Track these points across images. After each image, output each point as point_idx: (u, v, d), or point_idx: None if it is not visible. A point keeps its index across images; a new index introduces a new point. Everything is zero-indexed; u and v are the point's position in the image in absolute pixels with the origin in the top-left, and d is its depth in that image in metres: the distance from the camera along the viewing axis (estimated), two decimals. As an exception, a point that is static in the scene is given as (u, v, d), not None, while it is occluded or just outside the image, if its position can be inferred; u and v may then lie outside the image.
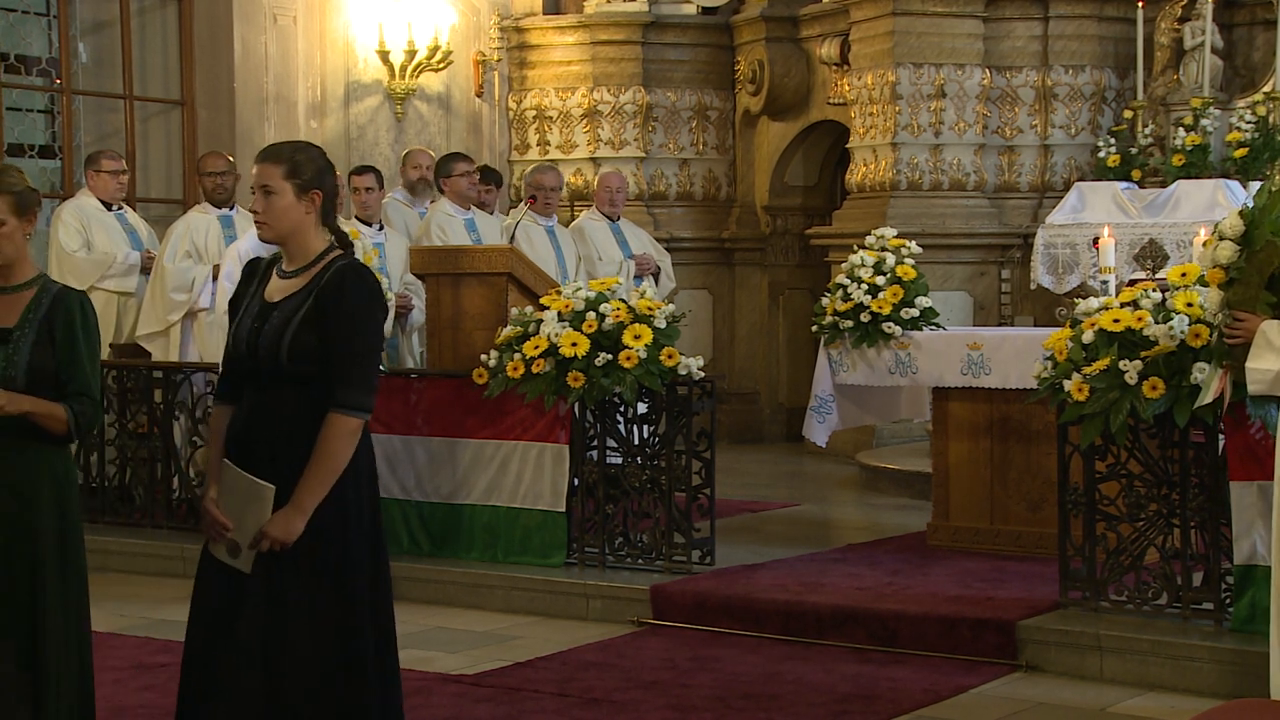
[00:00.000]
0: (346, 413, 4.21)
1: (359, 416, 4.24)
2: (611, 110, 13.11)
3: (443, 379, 8.05)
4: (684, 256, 12.74)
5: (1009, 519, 8.01)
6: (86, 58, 11.92)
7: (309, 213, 4.33)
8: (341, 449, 4.21)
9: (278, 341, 4.23)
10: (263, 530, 4.18)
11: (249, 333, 4.30)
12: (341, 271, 4.28)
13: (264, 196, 4.31)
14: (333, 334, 4.21)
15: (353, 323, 4.24)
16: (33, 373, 4.45)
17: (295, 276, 4.33)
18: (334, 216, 4.42)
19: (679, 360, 7.44)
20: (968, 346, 8.03)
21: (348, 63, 12.62)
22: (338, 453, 4.21)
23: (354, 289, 4.26)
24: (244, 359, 4.32)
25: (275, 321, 4.26)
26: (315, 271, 4.31)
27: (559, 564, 7.71)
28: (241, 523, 4.22)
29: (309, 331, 4.21)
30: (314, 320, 4.22)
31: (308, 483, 4.19)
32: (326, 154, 4.44)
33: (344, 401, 4.21)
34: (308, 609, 4.23)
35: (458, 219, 9.70)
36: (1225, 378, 5.73)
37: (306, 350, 4.21)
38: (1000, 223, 11.68)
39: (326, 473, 4.20)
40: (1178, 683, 6.07)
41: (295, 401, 4.24)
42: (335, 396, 4.21)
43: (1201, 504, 6.32)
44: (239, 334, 4.34)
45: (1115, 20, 11.68)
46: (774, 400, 13.33)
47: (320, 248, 4.35)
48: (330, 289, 4.24)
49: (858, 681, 6.21)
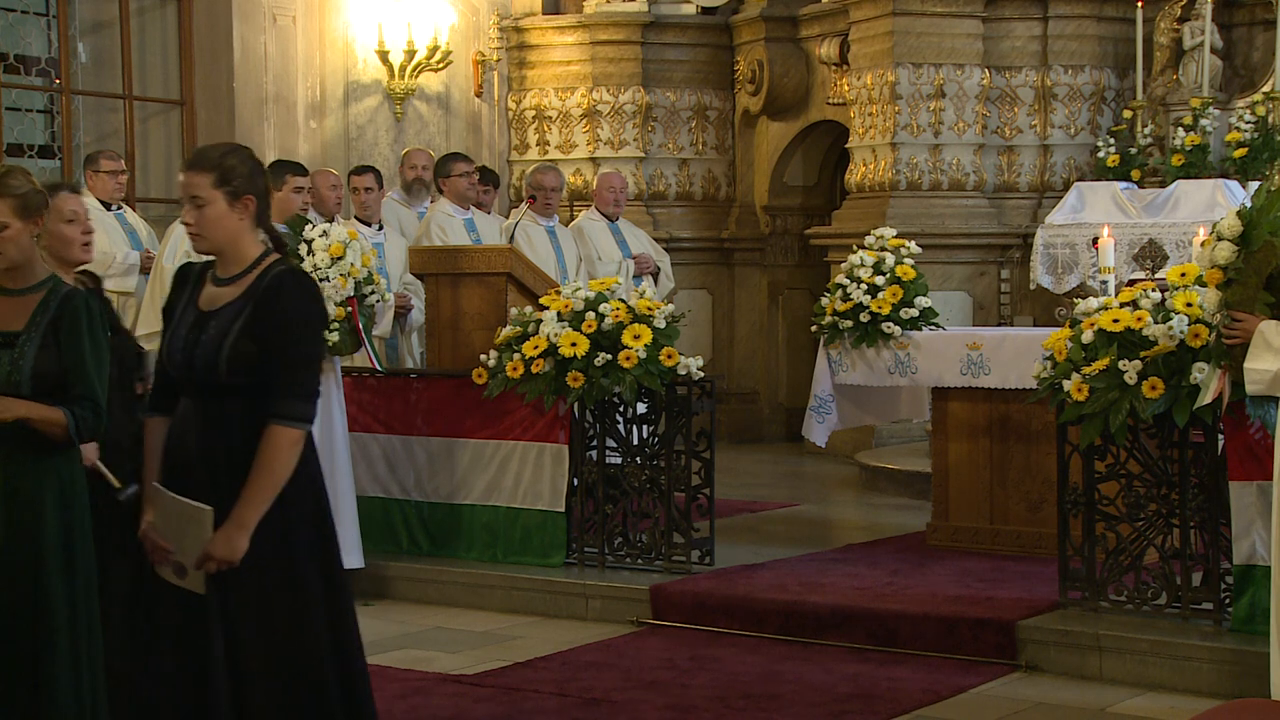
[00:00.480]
0: (287, 424, 4.07)
1: (300, 427, 4.10)
2: (611, 110, 13.11)
3: (442, 379, 8.05)
4: (683, 256, 12.74)
5: (1009, 519, 8.01)
6: (86, 58, 11.92)
7: (243, 219, 4.18)
8: (283, 462, 4.07)
9: (215, 352, 4.09)
10: (206, 551, 4.04)
11: (185, 343, 4.16)
12: (280, 277, 4.14)
13: (194, 208, 4.15)
14: (272, 342, 4.08)
15: (292, 330, 4.10)
16: (38, 378, 4.39)
17: (231, 284, 4.18)
18: (268, 218, 4.28)
19: (678, 360, 7.44)
20: (967, 346, 8.03)
21: (347, 63, 12.62)
22: (279, 466, 4.07)
23: (293, 295, 4.12)
24: (180, 370, 4.17)
25: (212, 331, 4.12)
26: (252, 278, 4.17)
27: (558, 564, 7.71)
28: (182, 545, 4.09)
29: (248, 341, 4.08)
30: (252, 329, 4.08)
31: (248, 498, 4.05)
32: (252, 154, 4.29)
33: (284, 412, 4.07)
34: (257, 625, 4.11)
35: (457, 219, 9.69)
36: (1224, 378, 5.73)
37: (246, 360, 4.08)
38: (1000, 223, 11.68)
39: (268, 487, 4.06)
40: (1177, 683, 6.07)
41: (234, 414, 4.11)
42: (275, 407, 4.07)
43: (1201, 504, 6.32)
44: (173, 344, 4.19)
45: (1115, 20, 11.68)
46: (773, 400, 13.33)
47: (256, 253, 4.21)
48: (268, 296, 4.11)
49: (857, 681, 6.21)
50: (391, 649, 6.86)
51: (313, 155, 12.04)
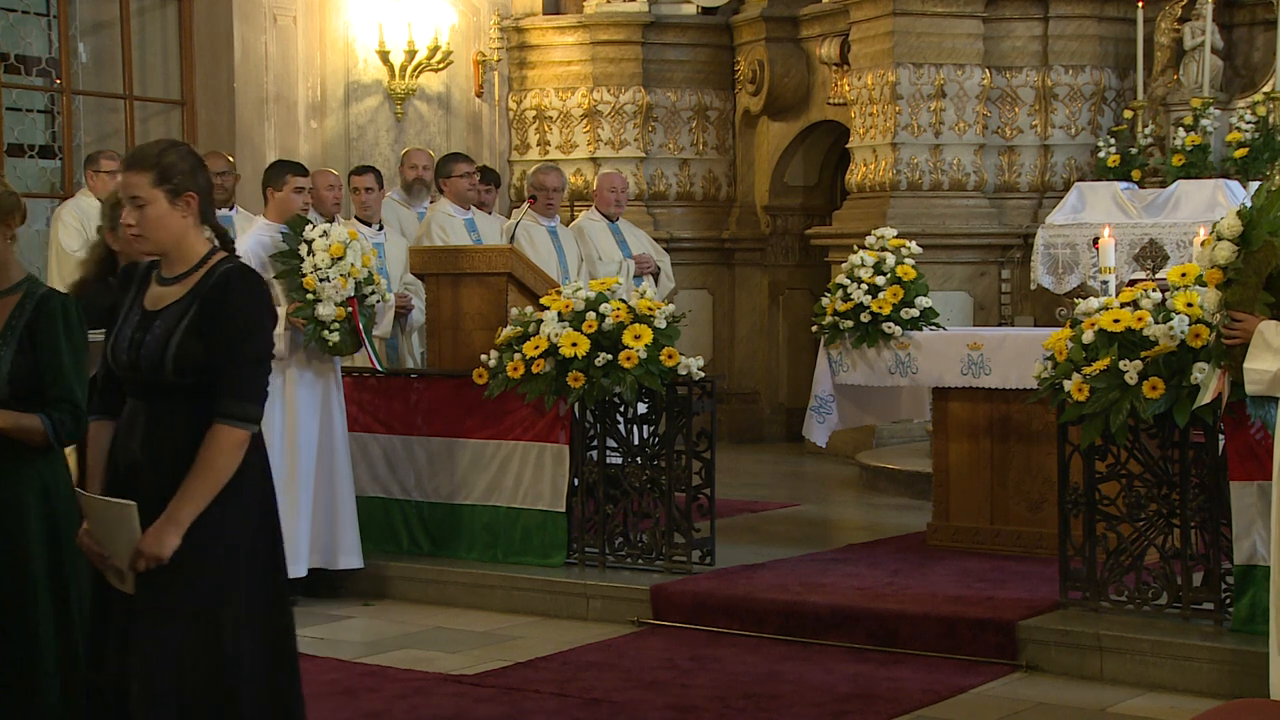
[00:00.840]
0: (232, 423, 3.97)
1: (246, 428, 4.00)
2: (611, 110, 13.11)
3: (443, 379, 8.05)
4: (684, 256, 12.74)
5: (1009, 519, 8.01)
6: (86, 58, 11.92)
7: (186, 217, 4.08)
8: (224, 462, 3.97)
9: (161, 352, 4.00)
10: (136, 548, 3.94)
11: (129, 343, 4.06)
12: (227, 275, 4.05)
13: (135, 208, 4.05)
14: (218, 341, 3.99)
15: (239, 328, 4.01)
16: (15, 383, 4.34)
17: (176, 283, 4.09)
18: (213, 214, 4.17)
19: (679, 360, 7.44)
20: (968, 346, 8.03)
21: (348, 63, 12.62)
22: (220, 466, 3.97)
23: (239, 293, 4.03)
24: (125, 370, 4.07)
25: (158, 331, 4.02)
26: (198, 276, 4.08)
27: (559, 564, 7.71)
28: (115, 546, 3.99)
29: (194, 340, 3.99)
30: (199, 328, 3.99)
31: (184, 495, 3.94)
32: (190, 149, 4.18)
33: (229, 412, 3.98)
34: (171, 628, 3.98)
35: (458, 219, 9.69)
36: (1224, 378, 5.73)
37: (192, 360, 3.99)
38: (1000, 223, 11.68)
39: (206, 486, 3.96)
40: (1178, 683, 6.07)
41: (182, 415, 4.01)
42: (220, 406, 3.97)
43: (1201, 504, 6.32)
44: (118, 344, 4.09)
45: (1115, 20, 11.68)
46: (774, 400, 13.33)
47: (202, 251, 4.12)
48: (215, 294, 4.02)
49: (858, 681, 6.21)
50: (392, 649, 6.86)
51: (313, 155, 12.04)
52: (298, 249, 7.68)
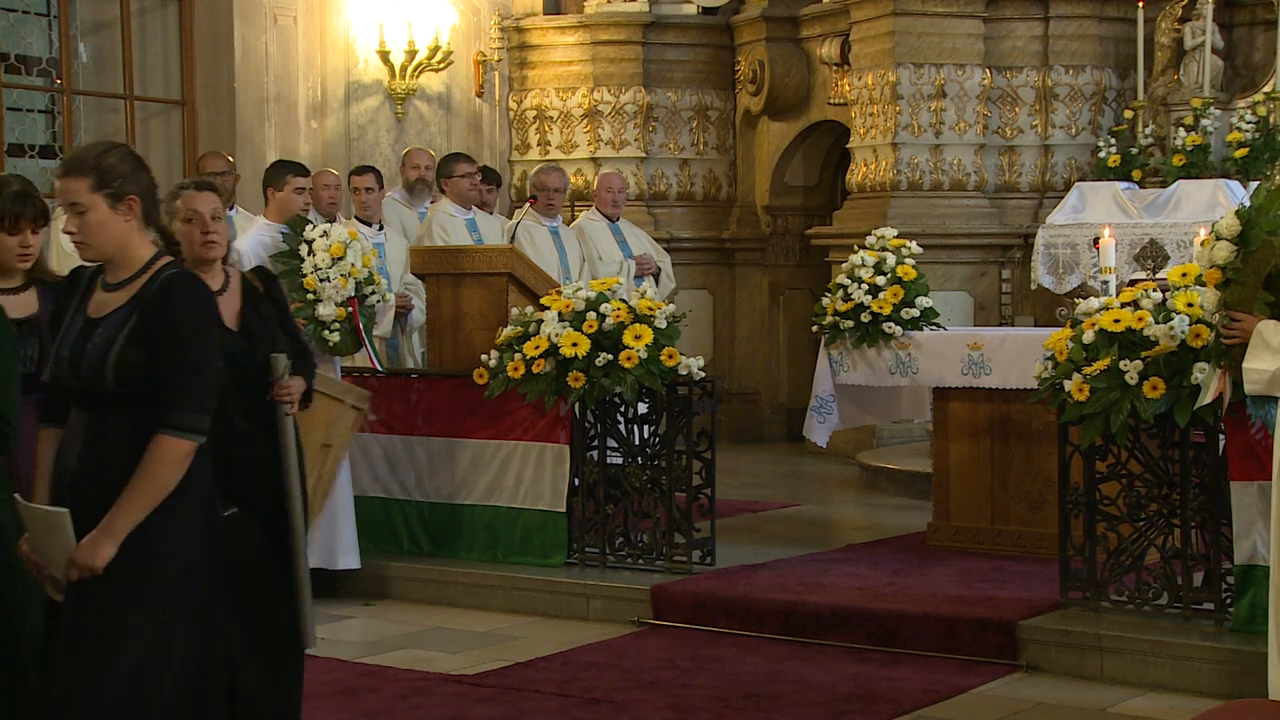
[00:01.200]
0: (174, 434, 3.84)
1: (189, 439, 3.86)
2: (612, 110, 13.12)
3: (443, 379, 8.05)
4: (684, 257, 12.74)
5: (1009, 519, 8.01)
6: (87, 58, 11.92)
7: (129, 221, 3.93)
8: (165, 474, 3.84)
9: (101, 361, 3.86)
10: (69, 556, 3.83)
11: (71, 351, 3.93)
12: (169, 281, 3.90)
13: (75, 215, 3.91)
14: (161, 349, 3.84)
15: (182, 336, 3.86)
16: None
17: (120, 289, 3.94)
18: (157, 216, 4.05)
19: (679, 360, 7.44)
20: (968, 346, 8.03)
21: (348, 63, 12.62)
22: (161, 478, 3.83)
23: (182, 299, 3.88)
24: (67, 379, 3.94)
25: (98, 339, 3.88)
26: (142, 282, 3.93)
27: (559, 564, 7.71)
28: (51, 555, 3.91)
29: (135, 349, 3.85)
30: (140, 336, 3.85)
31: (122, 506, 3.81)
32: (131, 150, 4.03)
33: (172, 422, 3.83)
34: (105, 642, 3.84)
35: (459, 219, 9.69)
36: (1224, 378, 5.72)
37: (134, 370, 3.85)
38: (1001, 223, 11.68)
39: (145, 497, 3.82)
40: (1178, 683, 6.07)
41: (124, 426, 3.88)
42: (163, 416, 3.83)
43: (1202, 504, 6.32)
44: (60, 353, 3.96)
45: (1116, 20, 11.68)
46: (774, 400, 13.33)
47: (146, 255, 3.97)
48: (156, 301, 3.87)
49: (858, 682, 6.21)
50: (392, 649, 6.86)
51: (314, 155, 12.04)
52: (298, 249, 7.68)
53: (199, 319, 3.92)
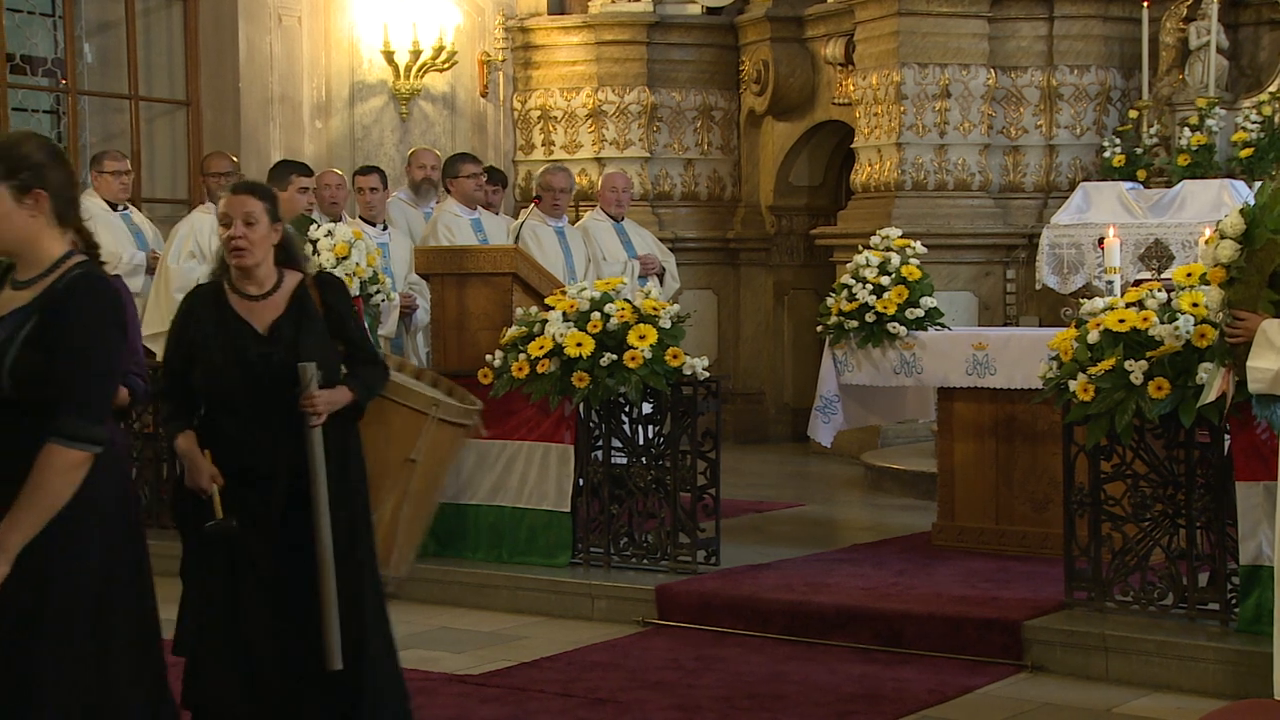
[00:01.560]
0: (65, 443, 3.59)
1: (83, 449, 3.61)
2: (616, 110, 13.12)
3: (447, 379, 8.04)
4: (689, 257, 12.74)
5: (1014, 519, 8.01)
6: (92, 58, 11.93)
7: (35, 216, 3.70)
8: (56, 485, 3.59)
9: None
10: None
11: None
12: (73, 282, 3.68)
13: None
14: (59, 352, 3.61)
15: (78, 340, 3.63)
16: None
17: (27, 288, 3.73)
18: (73, 213, 3.81)
19: (684, 360, 7.44)
20: (973, 347, 8.03)
21: (353, 63, 12.62)
22: (52, 490, 3.59)
23: (83, 300, 3.66)
24: None
25: None
26: (48, 282, 3.71)
27: (564, 564, 7.71)
28: None
29: (33, 352, 3.62)
30: (40, 338, 3.63)
31: (13, 520, 3.58)
32: (50, 143, 3.82)
33: (64, 430, 3.59)
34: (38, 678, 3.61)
35: (464, 219, 9.70)
36: (1228, 377, 5.72)
37: (32, 373, 3.62)
38: (1005, 223, 11.67)
39: (37, 511, 3.58)
40: (1183, 683, 6.07)
41: (26, 433, 3.62)
42: (54, 424, 3.59)
43: (1207, 504, 6.31)
44: None
45: (1120, 20, 11.67)
46: (779, 400, 13.33)
47: (57, 253, 3.74)
48: (56, 302, 3.65)
49: (863, 682, 6.21)
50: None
51: (318, 155, 12.05)
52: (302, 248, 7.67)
53: (98, 323, 3.68)
